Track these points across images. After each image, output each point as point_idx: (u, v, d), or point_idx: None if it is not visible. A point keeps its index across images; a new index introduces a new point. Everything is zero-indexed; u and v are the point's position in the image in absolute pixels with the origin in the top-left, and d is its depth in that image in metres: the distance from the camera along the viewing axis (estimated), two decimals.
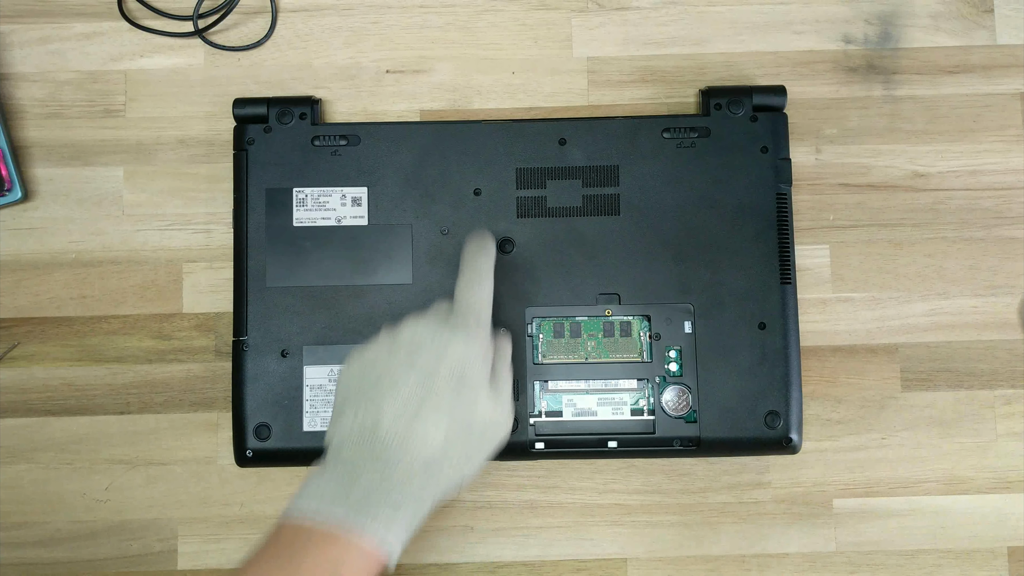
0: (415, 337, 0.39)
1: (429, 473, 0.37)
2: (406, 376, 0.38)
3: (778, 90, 0.49)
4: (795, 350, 0.47)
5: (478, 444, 0.39)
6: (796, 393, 0.47)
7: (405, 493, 0.36)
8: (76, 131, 0.51)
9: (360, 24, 0.52)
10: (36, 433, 0.50)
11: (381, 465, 0.36)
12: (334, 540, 0.34)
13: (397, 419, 0.37)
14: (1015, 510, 0.49)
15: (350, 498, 0.35)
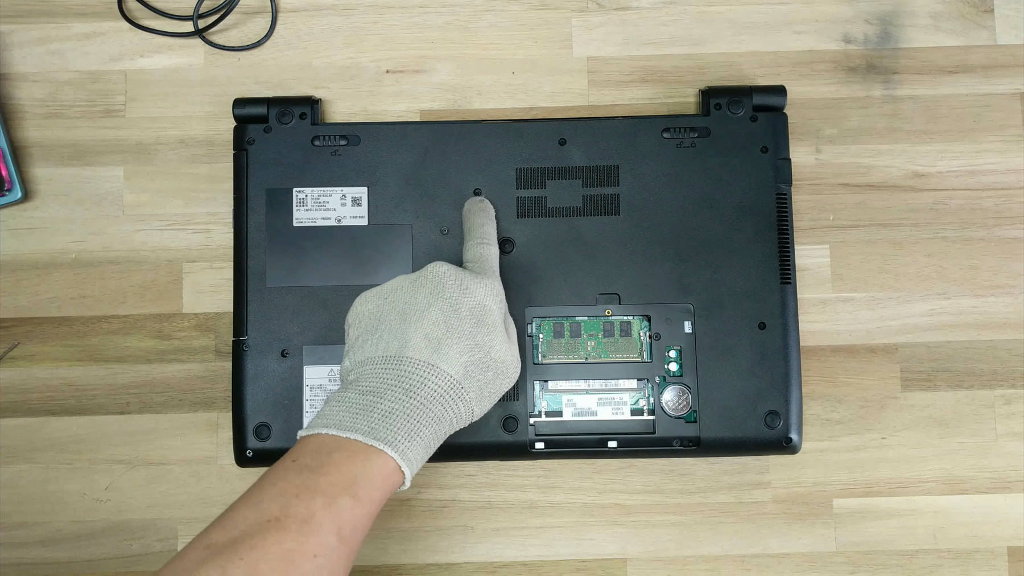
0: (438, 273, 0.41)
1: (447, 401, 0.38)
2: (432, 305, 0.39)
3: (778, 90, 0.49)
4: (795, 350, 0.47)
5: (492, 381, 0.40)
6: (796, 393, 0.47)
7: (425, 417, 0.37)
8: (76, 131, 0.51)
9: (360, 24, 0.52)
10: (36, 433, 0.50)
11: (404, 389, 0.37)
12: (354, 451, 0.35)
13: (423, 345, 0.38)
14: (1015, 510, 0.49)
15: (372, 416, 0.36)
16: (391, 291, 0.41)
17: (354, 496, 0.34)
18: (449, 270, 0.41)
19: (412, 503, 0.49)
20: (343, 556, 0.34)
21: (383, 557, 0.49)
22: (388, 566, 0.49)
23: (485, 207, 0.47)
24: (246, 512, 0.33)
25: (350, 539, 0.34)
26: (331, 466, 0.35)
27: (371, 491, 0.35)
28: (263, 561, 0.31)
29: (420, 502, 0.49)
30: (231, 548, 0.32)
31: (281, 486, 0.34)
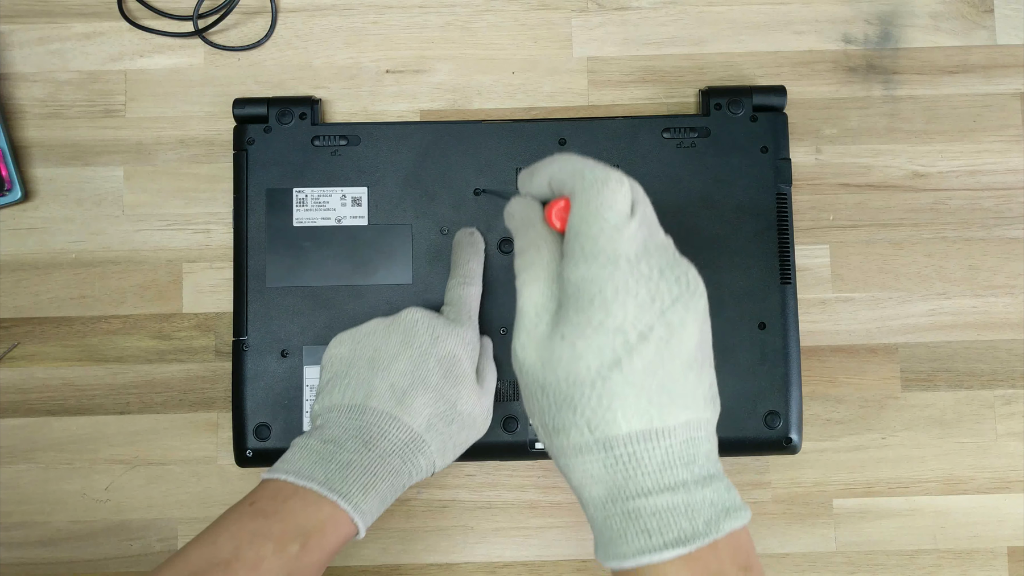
0: (411, 321, 0.40)
1: (407, 454, 0.38)
2: (400, 354, 0.39)
3: (778, 90, 0.49)
4: (795, 350, 0.47)
5: (456, 433, 0.40)
6: (796, 393, 0.47)
7: (382, 470, 0.37)
8: (76, 131, 0.51)
9: (360, 24, 0.52)
10: (36, 433, 0.50)
11: (364, 440, 0.37)
12: (308, 501, 0.35)
13: (387, 396, 0.38)
14: (1015, 510, 0.49)
15: (330, 467, 0.36)
16: (364, 336, 0.41)
17: (304, 545, 0.34)
18: (422, 318, 0.40)
19: (412, 503, 0.49)
20: None
21: (383, 557, 0.49)
22: (388, 566, 0.49)
23: (474, 241, 0.46)
24: (199, 551, 0.34)
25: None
26: (285, 513, 0.35)
27: (321, 540, 0.35)
28: None
29: (420, 502, 0.49)
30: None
31: (234, 529, 0.35)
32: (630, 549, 0.30)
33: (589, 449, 0.31)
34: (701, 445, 0.31)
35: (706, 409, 0.32)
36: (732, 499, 0.31)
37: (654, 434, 0.30)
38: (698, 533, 0.30)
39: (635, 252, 0.31)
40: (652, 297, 0.31)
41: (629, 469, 0.30)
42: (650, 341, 0.30)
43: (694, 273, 0.32)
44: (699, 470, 0.31)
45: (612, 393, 0.30)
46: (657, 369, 0.30)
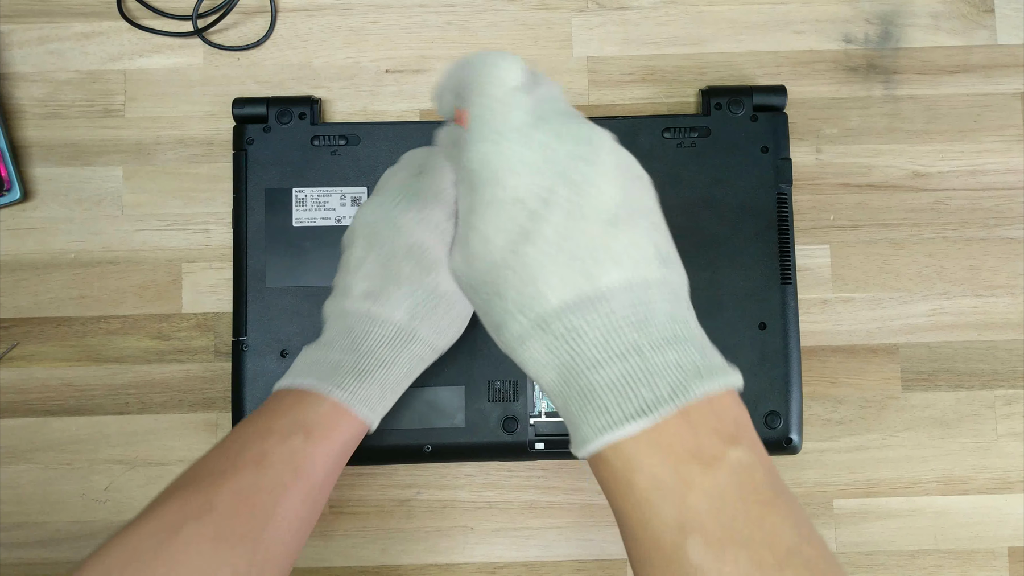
0: (368, 220, 0.39)
1: (398, 345, 0.38)
2: (368, 255, 0.39)
3: (778, 90, 0.49)
4: (795, 350, 0.47)
5: (447, 313, 0.39)
6: (796, 393, 0.46)
7: (371, 364, 0.37)
8: (75, 131, 0.51)
9: (359, 24, 0.52)
10: (35, 433, 0.50)
11: (350, 340, 0.38)
12: (303, 398, 0.36)
13: (362, 297, 0.38)
14: (1015, 510, 0.49)
15: (323, 368, 0.37)
16: (343, 245, 0.41)
17: (306, 435, 0.35)
18: (379, 216, 0.39)
19: (412, 504, 0.49)
20: (301, 493, 0.34)
21: (383, 558, 0.49)
22: (388, 567, 0.49)
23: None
24: (210, 456, 0.35)
25: (308, 476, 0.35)
26: (284, 411, 0.36)
27: (326, 432, 0.35)
28: (220, 497, 0.32)
29: (420, 503, 0.49)
30: (193, 486, 0.33)
31: (240, 433, 0.36)
32: (591, 431, 0.28)
33: (529, 334, 0.29)
34: (656, 307, 0.28)
35: (653, 269, 0.29)
36: (707, 360, 0.28)
37: (588, 301, 0.28)
38: (661, 399, 0.27)
39: (525, 122, 0.29)
40: (547, 159, 0.29)
41: (571, 344, 0.28)
42: (555, 204, 0.28)
43: (600, 132, 0.30)
44: (657, 333, 0.28)
45: (529, 267, 0.28)
46: (572, 232, 0.28)
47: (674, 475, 0.26)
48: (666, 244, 0.30)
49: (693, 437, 0.27)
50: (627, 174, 0.30)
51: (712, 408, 0.27)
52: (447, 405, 0.46)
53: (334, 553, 0.49)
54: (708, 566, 0.25)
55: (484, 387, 0.47)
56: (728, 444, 0.27)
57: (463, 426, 0.46)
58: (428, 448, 0.46)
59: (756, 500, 0.26)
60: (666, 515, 0.26)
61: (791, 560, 0.25)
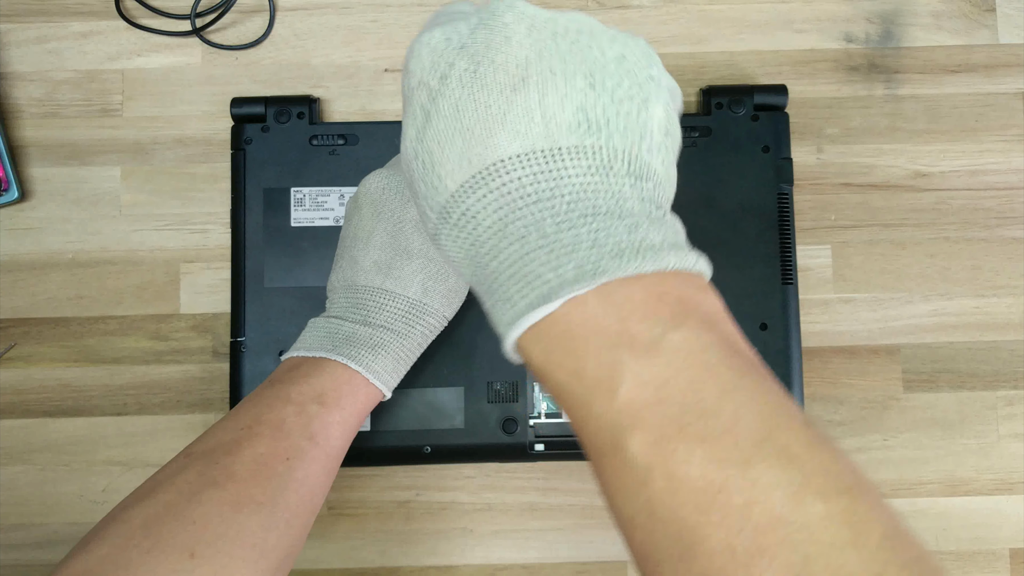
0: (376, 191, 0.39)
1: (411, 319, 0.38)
2: (376, 229, 0.39)
3: (779, 89, 0.48)
4: (796, 351, 0.46)
5: (456, 283, 0.39)
6: (797, 394, 0.46)
7: (385, 337, 0.37)
8: (73, 130, 0.51)
9: (358, 23, 0.52)
10: (33, 434, 0.49)
11: (363, 315, 0.38)
12: (319, 366, 0.37)
13: (374, 272, 0.38)
14: (1017, 511, 0.49)
15: (336, 339, 0.37)
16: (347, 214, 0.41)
17: (321, 403, 0.35)
18: (387, 185, 0.39)
19: (411, 505, 0.49)
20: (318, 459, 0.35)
21: (382, 560, 0.49)
22: (387, 568, 0.49)
23: None
24: (224, 425, 0.35)
25: (324, 443, 0.35)
26: (299, 379, 0.36)
27: (338, 398, 0.36)
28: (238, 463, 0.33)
29: (419, 504, 0.49)
30: (209, 455, 0.33)
31: (255, 401, 0.36)
32: (502, 326, 0.25)
33: (438, 229, 0.26)
34: (568, 179, 0.24)
35: (565, 135, 0.25)
36: (636, 237, 0.24)
37: (480, 178, 0.25)
38: (565, 282, 0.23)
39: (435, 15, 0.28)
40: (447, 36, 0.26)
41: (470, 231, 0.25)
42: (451, 78, 0.25)
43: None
44: (566, 207, 0.24)
45: (430, 152, 0.26)
46: (467, 104, 0.25)
47: (598, 365, 0.22)
48: (600, 105, 0.25)
49: (618, 322, 0.22)
50: (553, 29, 0.26)
51: (645, 287, 0.23)
52: (446, 406, 0.46)
53: (333, 555, 0.49)
54: (656, 465, 0.21)
55: (483, 388, 0.46)
56: (668, 326, 0.22)
57: (462, 427, 0.46)
58: (427, 449, 0.46)
59: (711, 385, 0.22)
60: (598, 413, 0.23)
61: (761, 451, 0.21)
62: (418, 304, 0.38)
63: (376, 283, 0.38)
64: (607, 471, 0.23)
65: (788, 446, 0.21)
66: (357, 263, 0.39)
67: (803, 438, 0.21)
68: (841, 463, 0.21)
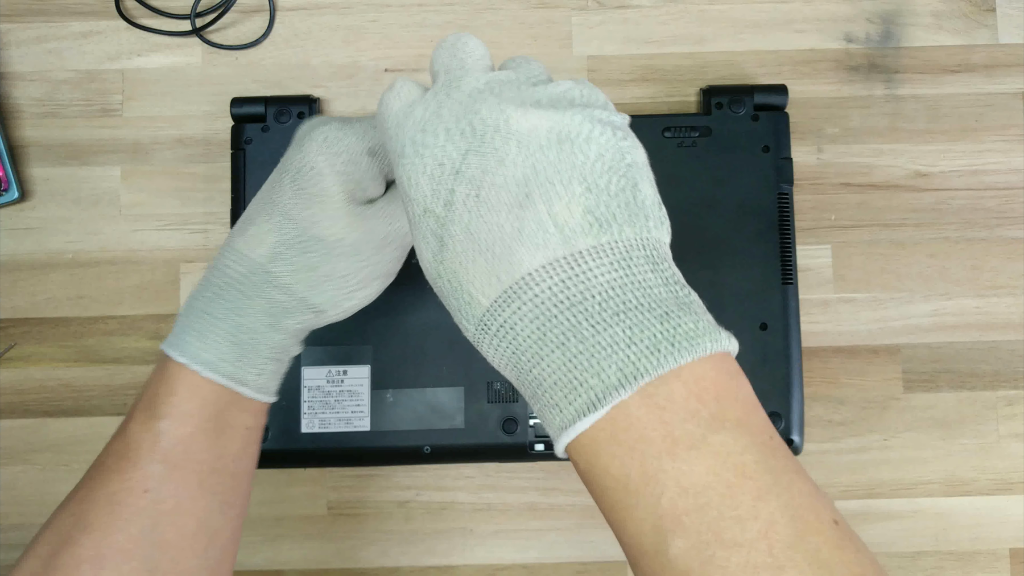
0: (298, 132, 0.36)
1: (249, 287, 0.32)
2: (270, 178, 0.35)
3: (779, 89, 0.48)
4: (796, 351, 0.46)
5: (322, 263, 0.33)
6: (797, 394, 0.46)
7: (218, 309, 0.32)
8: (73, 130, 0.51)
9: (358, 23, 0.52)
10: (33, 434, 0.49)
11: (207, 279, 0.33)
12: (159, 365, 0.32)
13: (236, 228, 0.34)
14: (1017, 511, 0.49)
15: (181, 321, 0.33)
16: None
17: (166, 416, 0.30)
18: (301, 132, 0.34)
19: (411, 505, 0.49)
20: (186, 486, 0.30)
21: (382, 559, 0.49)
22: (387, 568, 0.49)
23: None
24: (95, 462, 0.31)
25: (184, 465, 0.30)
26: (144, 388, 0.32)
27: (184, 407, 0.31)
28: (91, 510, 0.29)
29: (419, 504, 0.49)
30: (64, 504, 0.30)
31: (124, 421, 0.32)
32: (552, 431, 0.25)
33: (478, 339, 0.27)
34: (595, 279, 0.25)
35: (583, 238, 0.25)
36: (669, 327, 0.24)
37: (513, 292, 0.25)
38: (611, 386, 0.23)
39: (419, 127, 0.27)
40: (441, 162, 0.27)
41: (510, 341, 0.26)
42: (456, 204, 0.26)
43: (509, 109, 0.27)
44: (599, 308, 0.25)
45: (454, 273, 0.27)
46: (479, 227, 0.26)
47: (643, 472, 0.23)
48: (603, 203, 0.26)
49: (661, 426, 0.23)
50: (540, 145, 0.26)
51: (685, 384, 0.24)
52: (446, 406, 0.46)
53: (332, 555, 0.49)
54: (694, 570, 0.22)
55: (483, 388, 0.46)
56: (708, 427, 0.23)
57: (462, 427, 0.46)
58: (427, 449, 0.46)
59: (748, 490, 0.23)
60: (641, 517, 0.23)
61: (792, 556, 0.22)
62: (260, 269, 0.32)
63: (231, 239, 0.33)
64: (646, 571, 0.24)
65: (819, 549, 0.22)
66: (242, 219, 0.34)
67: (833, 539, 0.23)
68: (866, 563, 0.23)
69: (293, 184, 0.33)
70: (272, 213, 0.33)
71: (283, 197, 0.33)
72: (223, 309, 0.32)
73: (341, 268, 0.33)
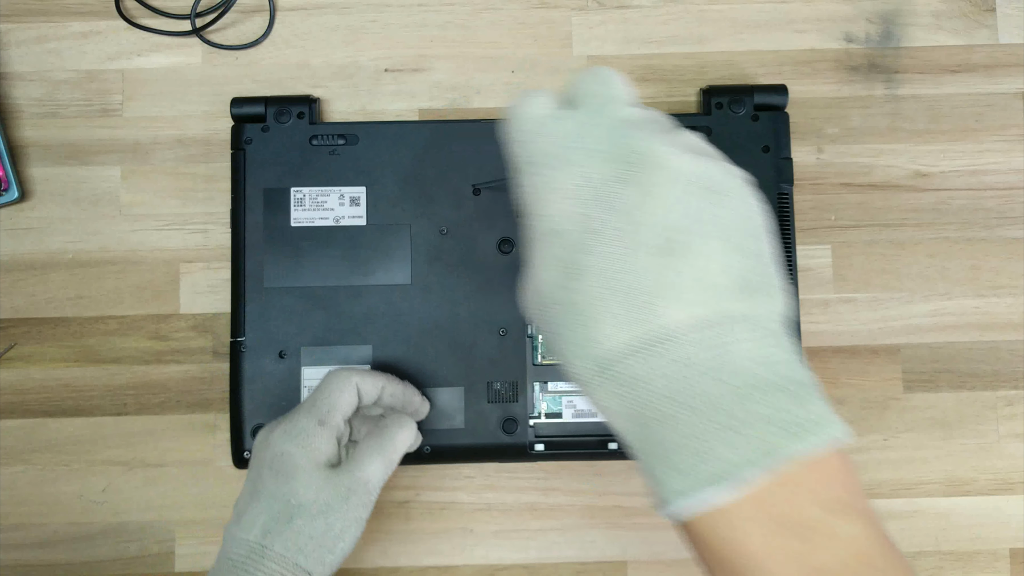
0: (258, 441, 0.40)
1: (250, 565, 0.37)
2: (247, 478, 0.40)
3: (779, 89, 0.48)
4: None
5: (307, 526, 0.37)
6: None
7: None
8: (73, 130, 0.51)
9: (358, 23, 0.52)
10: (33, 434, 0.49)
11: (218, 565, 0.38)
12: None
13: (232, 519, 0.39)
14: (1017, 511, 0.49)
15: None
16: None
17: None
18: (260, 439, 0.40)
19: (411, 505, 0.49)
20: None
21: (382, 560, 0.49)
22: (386, 568, 0.49)
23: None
24: None
25: None
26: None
27: None
28: None
29: (419, 504, 0.49)
30: None
31: None
32: (669, 493, 0.24)
33: (592, 379, 0.26)
34: (736, 347, 0.24)
35: (730, 302, 0.25)
36: (805, 412, 0.24)
37: (649, 344, 0.25)
38: (747, 460, 0.23)
39: (560, 142, 0.27)
40: (579, 183, 0.26)
41: (637, 393, 0.25)
42: (598, 233, 0.25)
43: (660, 146, 0.26)
44: (739, 379, 0.24)
45: (581, 306, 0.26)
46: (621, 265, 0.25)
47: (770, 553, 0.23)
48: (751, 268, 0.26)
49: (793, 508, 0.23)
50: (691, 191, 0.26)
51: (814, 471, 0.24)
52: (446, 406, 0.46)
53: None
54: None
55: (483, 388, 0.46)
56: (838, 517, 0.23)
57: (462, 427, 0.46)
58: (427, 449, 0.46)
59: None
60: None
61: None
62: (256, 548, 0.37)
63: (230, 529, 0.38)
64: None
65: None
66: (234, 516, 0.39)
67: None
68: None
69: (271, 470, 0.38)
70: (259, 499, 0.38)
71: (266, 485, 0.38)
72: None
73: (320, 526, 0.37)
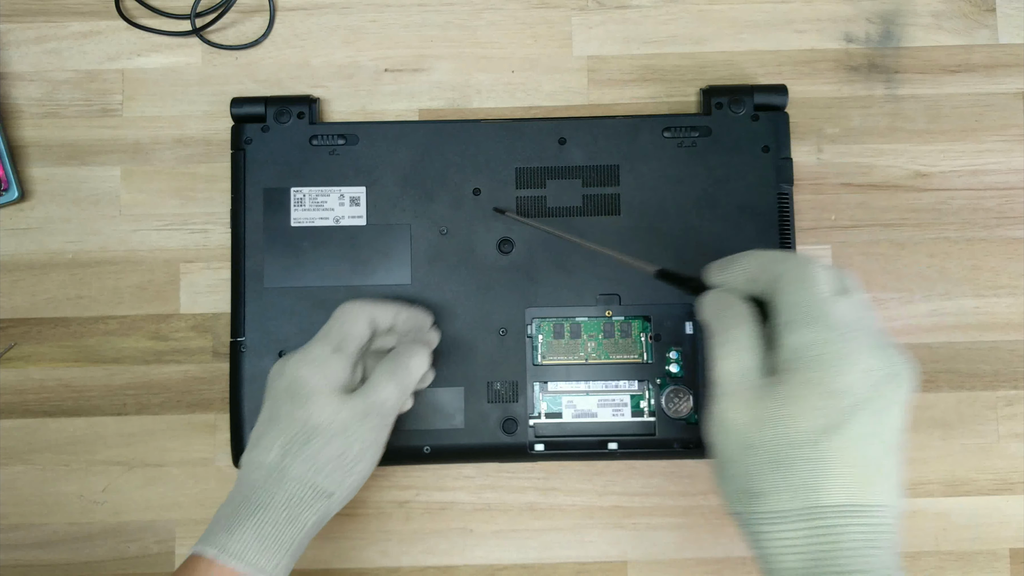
0: (274, 371, 0.41)
1: (269, 485, 0.38)
2: (263, 406, 0.41)
3: (779, 89, 0.48)
4: None
5: (323, 449, 0.39)
6: None
7: (245, 510, 0.37)
8: (73, 130, 0.51)
9: (358, 23, 0.52)
10: (33, 434, 0.49)
11: (236, 488, 0.39)
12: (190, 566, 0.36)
13: (250, 445, 0.40)
14: (1017, 512, 0.49)
15: (209, 527, 0.38)
16: None
17: None
18: (280, 361, 0.41)
19: (411, 505, 0.49)
20: None
21: (382, 560, 0.49)
22: (386, 568, 0.49)
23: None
24: None
25: None
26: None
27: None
28: None
29: (419, 504, 0.49)
30: None
31: None
32: None
33: (791, 517, 0.30)
34: (888, 533, 0.30)
35: (898, 498, 0.31)
36: None
37: (859, 510, 0.30)
38: None
39: (850, 323, 0.32)
40: (867, 369, 0.31)
41: (832, 543, 0.30)
42: (864, 412, 0.30)
43: (905, 357, 0.32)
44: (888, 559, 0.30)
45: (822, 459, 0.30)
46: (867, 443, 0.30)
47: None
48: (901, 466, 0.32)
49: None
50: (909, 405, 0.32)
51: None
52: (446, 406, 0.46)
53: (332, 555, 0.49)
54: None
55: (483, 388, 0.46)
56: None
57: (462, 427, 0.46)
58: (427, 449, 0.46)
59: None
60: None
61: None
62: (274, 468, 0.38)
63: (246, 454, 0.39)
64: None
65: None
66: (250, 441, 0.40)
67: None
68: None
69: (287, 395, 0.39)
70: (276, 424, 0.39)
71: (282, 409, 0.39)
72: (248, 511, 0.37)
73: (338, 447, 0.39)
